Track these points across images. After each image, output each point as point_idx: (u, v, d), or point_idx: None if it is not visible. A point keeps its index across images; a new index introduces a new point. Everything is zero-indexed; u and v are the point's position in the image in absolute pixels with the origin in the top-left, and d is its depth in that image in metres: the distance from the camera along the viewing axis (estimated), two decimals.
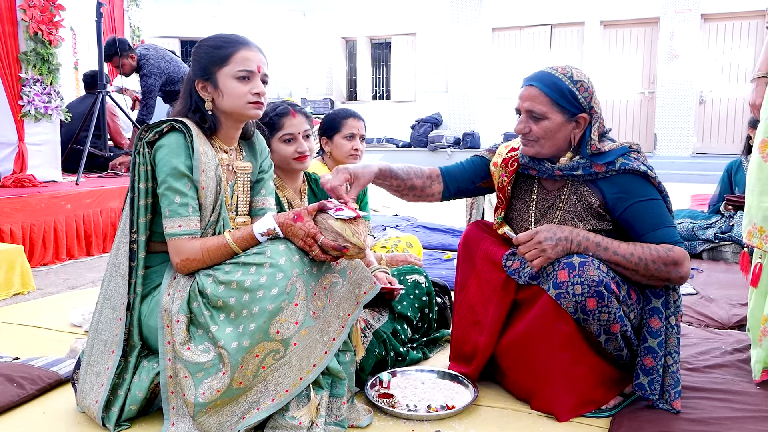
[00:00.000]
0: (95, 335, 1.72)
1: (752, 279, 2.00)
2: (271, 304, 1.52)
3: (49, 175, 4.58)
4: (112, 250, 1.74)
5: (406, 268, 2.35)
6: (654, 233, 1.73)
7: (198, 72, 1.74)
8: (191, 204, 1.65)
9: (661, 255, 1.69)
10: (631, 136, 11.15)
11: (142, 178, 1.67)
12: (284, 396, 1.56)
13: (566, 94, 1.75)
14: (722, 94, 10.47)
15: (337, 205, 1.64)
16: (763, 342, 1.92)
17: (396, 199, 2.05)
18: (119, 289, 1.69)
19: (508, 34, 11.90)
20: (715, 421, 1.69)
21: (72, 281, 3.48)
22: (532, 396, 1.82)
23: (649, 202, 1.75)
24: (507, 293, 1.86)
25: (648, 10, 10.61)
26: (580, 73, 1.78)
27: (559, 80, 1.76)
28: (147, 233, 1.69)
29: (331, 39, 13.35)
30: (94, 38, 5.35)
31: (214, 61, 1.72)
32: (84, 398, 1.70)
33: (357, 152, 2.61)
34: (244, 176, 1.84)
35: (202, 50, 1.75)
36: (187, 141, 1.67)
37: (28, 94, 4.31)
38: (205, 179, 1.68)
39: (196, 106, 1.74)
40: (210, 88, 1.74)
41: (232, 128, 1.80)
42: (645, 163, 1.78)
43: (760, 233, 1.92)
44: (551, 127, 1.77)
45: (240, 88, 1.71)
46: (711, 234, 3.88)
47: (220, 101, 1.73)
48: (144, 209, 1.68)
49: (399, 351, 2.08)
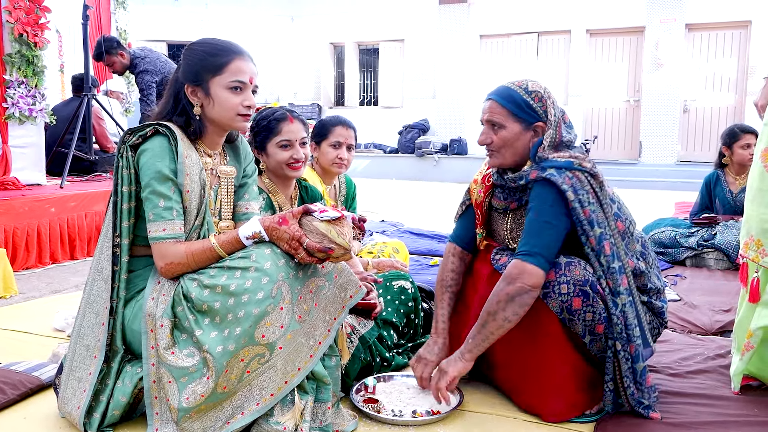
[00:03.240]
0: (77, 340, 1.71)
1: (751, 295, 1.90)
2: (257, 308, 1.52)
3: (33, 178, 4.54)
4: (95, 253, 1.73)
5: (392, 273, 2.35)
6: (521, 240, 1.76)
7: (189, 76, 1.71)
8: (175, 207, 1.64)
9: (491, 303, 1.72)
10: (616, 144, 11.26)
11: (125, 181, 1.66)
12: (269, 400, 1.55)
13: (521, 104, 1.82)
14: (706, 103, 10.60)
15: (321, 208, 1.64)
16: (746, 355, 1.90)
17: (383, 204, 2.06)
18: (102, 293, 1.68)
19: (496, 42, 11.98)
20: (698, 426, 1.71)
21: (55, 285, 3.45)
22: (519, 393, 1.84)
23: (533, 208, 1.75)
24: (492, 286, 1.87)
25: (634, 19, 10.73)
26: (535, 85, 1.85)
27: (515, 92, 1.84)
28: (130, 237, 1.68)
29: (319, 44, 13.36)
30: (80, 41, 5.32)
31: (207, 68, 1.70)
32: (66, 404, 1.68)
33: (342, 161, 2.59)
34: (228, 180, 1.84)
35: (195, 54, 1.72)
36: (171, 145, 1.66)
37: (12, 97, 4.27)
38: (189, 183, 1.67)
39: (183, 109, 1.73)
40: (200, 94, 1.72)
41: (217, 134, 1.79)
42: (574, 183, 1.73)
43: (757, 246, 1.87)
44: (509, 136, 1.83)
45: (232, 98, 1.70)
46: (693, 242, 3.91)
47: (210, 109, 1.72)
48: (127, 213, 1.66)
49: (385, 356, 2.08)
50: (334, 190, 2.81)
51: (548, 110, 1.83)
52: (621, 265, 1.76)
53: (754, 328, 1.86)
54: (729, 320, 2.69)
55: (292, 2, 13.21)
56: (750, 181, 1.96)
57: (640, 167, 10.37)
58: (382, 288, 2.29)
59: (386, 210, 6.57)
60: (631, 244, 1.87)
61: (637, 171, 10.22)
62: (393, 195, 8.63)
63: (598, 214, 1.74)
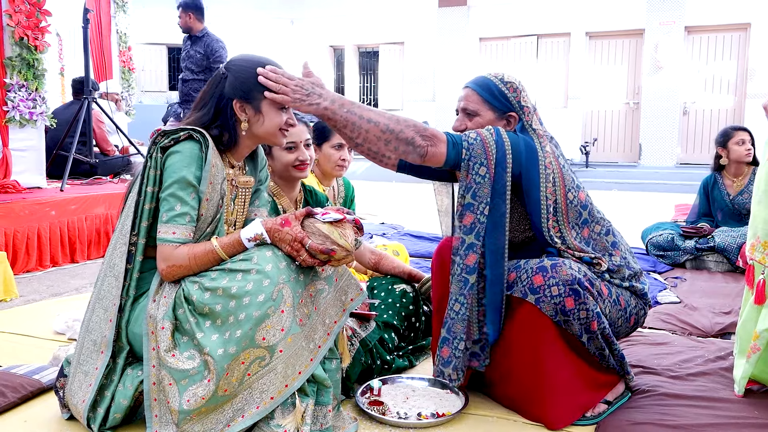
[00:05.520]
0: (86, 334, 1.71)
1: (756, 296, 1.88)
2: (258, 310, 1.52)
3: (34, 182, 4.55)
4: (108, 250, 1.73)
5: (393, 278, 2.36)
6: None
7: (239, 92, 1.72)
8: (191, 214, 1.64)
9: (397, 123, 1.76)
10: (616, 147, 11.27)
11: (150, 182, 1.66)
12: (269, 403, 1.55)
13: (495, 94, 1.90)
14: (705, 105, 10.62)
15: (323, 210, 1.65)
16: (752, 358, 1.89)
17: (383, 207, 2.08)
18: (112, 289, 1.68)
19: (495, 44, 12.00)
20: (698, 428, 1.71)
21: (55, 288, 3.45)
22: (521, 405, 1.83)
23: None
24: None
25: (633, 22, 10.75)
26: (511, 77, 1.94)
27: (491, 81, 1.92)
28: (146, 237, 1.68)
29: (318, 47, 13.38)
30: (80, 44, 5.33)
31: (262, 87, 1.72)
32: (72, 396, 1.69)
33: (344, 162, 2.62)
34: (245, 191, 1.85)
35: (247, 71, 1.73)
36: (202, 152, 1.67)
37: (13, 100, 4.28)
38: (211, 192, 1.67)
39: (223, 122, 1.73)
40: (250, 110, 1.73)
41: (249, 147, 1.81)
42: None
43: (764, 248, 1.86)
44: (483, 123, 1.91)
45: (280, 117, 1.75)
46: (691, 245, 3.91)
47: (258, 126, 1.74)
48: (148, 213, 1.67)
49: (385, 359, 2.08)
50: (332, 192, 2.82)
51: (521, 101, 1.90)
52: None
53: (760, 330, 1.85)
54: (729, 322, 2.69)
55: (291, 5, 13.24)
56: (757, 183, 1.95)
57: (640, 170, 10.38)
58: (383, 291, 2.30)
59: (386, 212, 6.58)
60: (599, 243, 1.88)
61: (637, 173, 10.23)
62: (393, 197, 8.64)
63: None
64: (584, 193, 1.88)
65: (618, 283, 1.85)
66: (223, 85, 1.74)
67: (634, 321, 1.92)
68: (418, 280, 2.38)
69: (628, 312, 1.88)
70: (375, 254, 2.45)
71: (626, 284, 1.87)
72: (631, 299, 1.88)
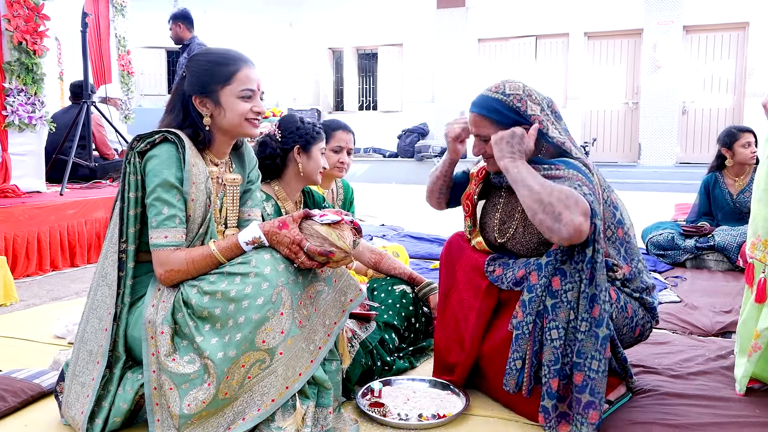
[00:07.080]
0: (81, 345, 1.71)
1: (757, 295, 1.88)
2: (257, 313, 1.52)
3: (33, 186, 4.54)
4: (99, 259, 1.73)
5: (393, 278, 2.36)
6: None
7: (196, 88, 1.72)
8: (179, 215, 1.64)
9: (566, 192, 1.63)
10: (615, 146, 11.27)
11: (132, 187, 1.66)
12: (270, 406, 1.55)
13: (501, 111, 1.82)
14: (704, 104, 10.62)
15: (321, 212, 1.65)
16: (753, 357, 1.89)
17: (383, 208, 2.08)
18: (105, 299, 1.68)
19: (494, 45, 12.00)
20: (700, 427, 1.71)
21: (55, 292, 3.44)
22: (517, 402, 1.83)
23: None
24: (489, 300, 1.87)
25: (631, 21, 10.75)
26: (513, 86, 1.84)
27: (493, 99, 1.84)
28: (136, 243, 1.68)
29: (317, 49, 13.39)
30: (79, 48, 5.33)
31: (216, 78, 1.71)
32: (69, 408, 1.68)
33: (343, 165, 2.62)
34: (233, 189, 1.84)
35: (201, 66, 1.73)
36: (179, 153, 1.67)
37: (12, 104, 4.28)
38: (195, 192, 1.67)
39: (192, 121, 1.73)
40: (210, 104, 1.73)
41: (226, 143, 1.80)
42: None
43: (764, 246, 1.86)
44: None
45: (243, 106, 1.72)
46: (691, 244, 3.91)
47: (221, 118, 1.73)
48: (133, 219, 1.67)
49: (386, 360, 2.08)
50: (331, 194, 2.82)
51: (527, 110, 1.82)
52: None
53: (761, 329, 1.85)
54: (730, 321, 2.69)
55: (290, 8, 13.23)
56: (757, 182, 1.95)
57: (640, 169, 10.38)
58: (383, 292, 2.30)
59: (386, 214, 6.58)
60: (631, 249, 1.87)
61: (637, 173, 10.23)
62: (393, 199, 8.64)
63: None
64: (621, 229, 1.84)
65: (629, 292, 1.85)
66: (183, 84, 1.75)
67: (639, 332, 1.91)
68: (419, 283, 2.38)
69: (634, 321, 1.87)
70: (375, 253, 2.45)
71: (637, 295, 1.87)
72: (639, 310, 1.87)
